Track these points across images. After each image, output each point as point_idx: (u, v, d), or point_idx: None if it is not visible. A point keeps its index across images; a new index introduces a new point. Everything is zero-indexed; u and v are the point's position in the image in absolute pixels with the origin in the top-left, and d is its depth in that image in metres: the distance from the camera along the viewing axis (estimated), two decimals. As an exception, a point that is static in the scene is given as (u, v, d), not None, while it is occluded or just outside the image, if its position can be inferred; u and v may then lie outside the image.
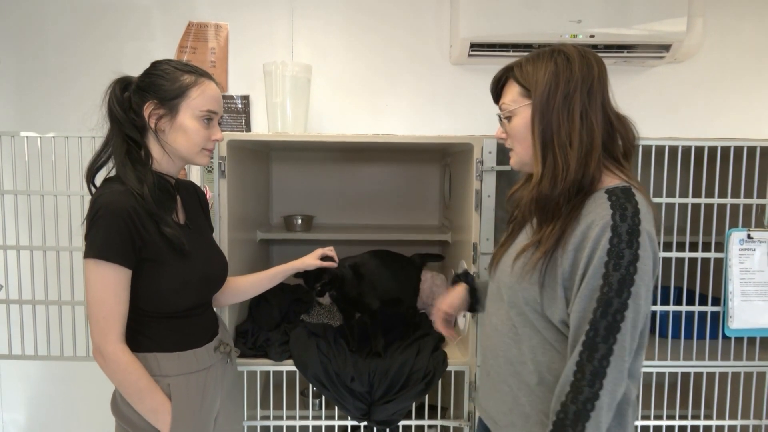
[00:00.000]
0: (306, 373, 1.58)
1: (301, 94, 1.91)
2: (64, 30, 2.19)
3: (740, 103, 2.29)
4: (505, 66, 1.12)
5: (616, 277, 0.93)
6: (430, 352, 1.66)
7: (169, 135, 1.20)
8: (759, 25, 2.26)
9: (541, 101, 1.03)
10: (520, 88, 1.07)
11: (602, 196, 0.99)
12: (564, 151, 1.01)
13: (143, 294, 1.15)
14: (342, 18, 2.23)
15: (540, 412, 1.05)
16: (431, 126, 2.27)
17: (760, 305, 1.58)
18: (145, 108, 1.18)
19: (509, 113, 1.10)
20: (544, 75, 1.03)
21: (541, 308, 1.04)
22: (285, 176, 2.31)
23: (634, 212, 0.95)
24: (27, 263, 1.70)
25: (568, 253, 0.99)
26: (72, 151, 1.65)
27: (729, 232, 1.58)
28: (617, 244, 0.93)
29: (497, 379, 1.14)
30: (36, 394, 2.36)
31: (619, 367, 0.94)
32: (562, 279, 1.00)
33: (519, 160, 1.12)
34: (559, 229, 1.01)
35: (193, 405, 1.21)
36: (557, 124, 1.01)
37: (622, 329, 0.93)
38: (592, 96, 1.02)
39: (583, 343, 0.95)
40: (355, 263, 1.71)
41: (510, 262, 1.11)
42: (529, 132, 1.06)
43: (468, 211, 1.67)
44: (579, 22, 1.99)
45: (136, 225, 1.11)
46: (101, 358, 1.12)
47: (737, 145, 1.58)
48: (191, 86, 1.19)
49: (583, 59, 1.03)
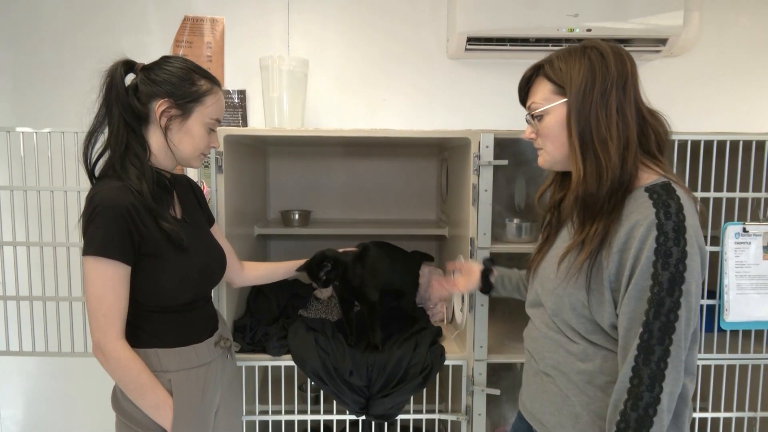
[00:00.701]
0: (305, 369, 1.58)
1: (297, 89, 1.91)
2: (59, 25, 2.17)
3: (736, 97, 2.29)
4: (534, 64, 1.10)
5: (666, 276, 0.92)
6: (427, 346, 1.66)
7: (175, 135, 1.20)
8: (755, 20, 2.26)
9: (577, 98, 1.01)
10: (552, 85, 1.05)
11: (643, 195, 0.97)
12: (605, 147, 0.99)
13: (143, 289, 1.15)
14: (339, 12, 2.22)
15: (591, 412, 1.04)
16: (428, 120, 2.27)
17: (755, 298, 1.59)
18: (158, 103, 1.17)
19: (541, 112, 1.07)
20: (579, 72, 1.01)
21: (589, 312, 1.03)
22: (282, 171, 2.31)
23: (677, 209, 0.94)
24: (23, 259, 1.70)
25: (613, 255, 0.98)
26: (68, 146, 1.65)
27: (725, 226, 1.58)
28: (664, 242, 0.92)
29: (545, 379, 1.13)
30: (33, 391, 2.35)
31: (677, 368, 0.93)
32: (609, 281, 0.99)
33: (550, 159, 1.10)
34: (603, 230, 0.99)
35: (194, 400, 1.21)
36: (595, 121, 1.00)
37: (677, 329, 0.92)
38: (627, 92, 1.01)
39: (638, 346, 0.93)
40: (359, 250, 1.72)
41: (551, 268, 1.10)
42: (563, 130, 1.04)
43: (465, 206, 1.67)
44: (576, 16, 1.99)
45: (134, 221, 1.11)
46: (101, 355, 1.12)
47: (733, 139, 1.59)
48: (207, 93, 1.21)
49: (617, 55, 1.02)
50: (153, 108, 1.18)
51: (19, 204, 1.70)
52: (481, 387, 1.66)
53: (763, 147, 1.60)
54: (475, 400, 1.67)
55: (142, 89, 1.18)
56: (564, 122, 1.04)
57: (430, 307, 2.02)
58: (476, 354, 1.65)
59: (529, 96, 1.12)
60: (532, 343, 1.19)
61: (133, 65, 1.21)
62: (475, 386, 1.66)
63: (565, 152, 1.06)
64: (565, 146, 1.05)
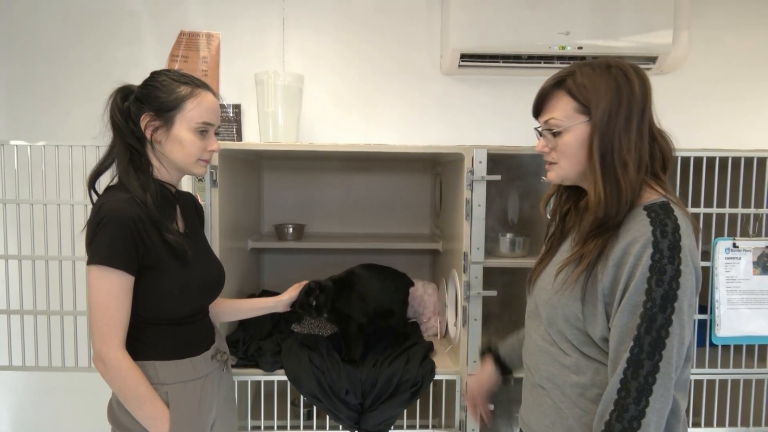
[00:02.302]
0: (300, 388, 1.58)
1: (292, 104, 1.92)
2: (55, 37, 2.18)
3: (725, 113, 2.33)
4: (555, 76, 1.07)
5: (659, 293, 0.92)
6: (419, 361, 1.66)
7: (165, 146, 1.21)
8: (743, 38, 2.30)
9: (602, 120, 1.00)
10: (575, 103, 1.03)
11: (641, 213, 0.98)
12: (625, 170, 0.99)
13: (143, 300, 1.16)
14: (333, 28, 2.25)
15: (584, 425, 1.04)
16: (422, 135, 2.29)
17: (746, 313, 1.61)
18: (141, 119, 1.19)
19: (560, 128, 1.05)
20: (605, 92, 1.00)
21: (582, 325, 1.03)
22: (276, 185, 2.31)
23: (674, 228, 0.95)
24: (15, 273, 1.69)
25: (609, 269, 0.98)
26: (62, 159, 1.65)
27: (715, 241, 1.60)
28: (659, 260, 0.93)
29: (540, 392, 1.13)
30: (22, 405, 2.32)
31: (666, 384, 0.93)
32: (602, 294, 0.99)
33: (563, 175, 1.09)
34: (601, 244, 1.00)
35: (190, 413, 1.22)
36: (618, 145, 1.00)
37: (667, 345, 0.92)
38: (645, 114, 1.02)
39: (628, 360, 0.94)
40: (346, 276, 1.72)
41: (549, 279, 1.10)
42: (581, 149, 1.03)
43: (459, 220, 1.68)
44: (567, 34, 2.02)
45: (140, 232, 1.12)
46: (102, 364, 1.12)
47: (722, 156, 1.61)
48: (187, 98, 1.20)
49: (639, 77, 1.02)
50: (142, 125, 1.20)
51: (12, 217, 1.69)
52: (475, 402, 1.65)
53: (752, 163, 1.62)
54: (469, 415, 1.67)
55: (133, 110, 1.21)
56: (584, 141, 1.03)
57: (424, 321, 2.02)
58: (470, 368, 1.65)
59: (546, 109, 1.09)
60: (528, 356, 1.19)
61: (130, 90, 1.23)
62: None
63: (579, 170, 1.06)
64: (581, 164, 1.05)
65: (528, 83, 2.27)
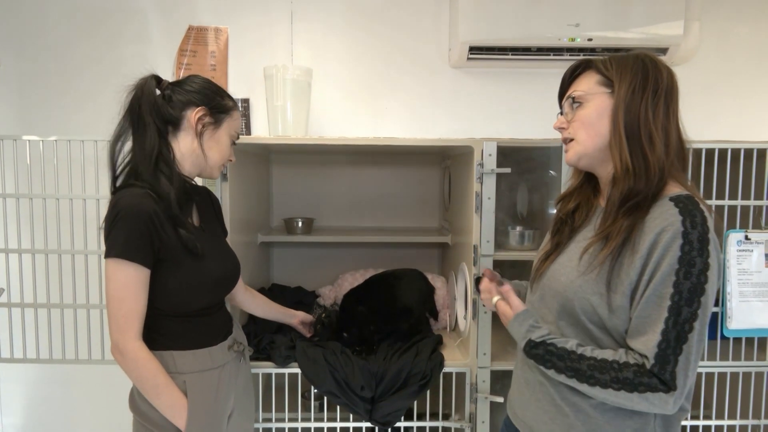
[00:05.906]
0: (320, 388, 1.59)
1: (301, 97, 1.92)
2: (64, 33, 2.19)
3: (737, 105, 2.31)
4: (585, 58, 1.11)
5: (687, 286, 0.92)
6: (428, 354, 1.66)
7: (206, 143, 1.27)
8: (755, 29, 2.28)
9: (627, 92, 1.01)
10: (599, 76, 1.05)
11: (668, 203, 0.97)
12: (651, 142, 0.99)
13: (159, 293, 1.18)
14: (342, 21, 2.24)
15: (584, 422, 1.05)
16: (431, 128, 2.29)
17: (758, 306, 1.60)
18: (194, 111, 1.24)
19: (581, 99, 1.07)
20: (631, 70, 1.02)
21: (598, 318, 1.02)
22: (285, 179, 2.32)
23: (702, 220, 0.93)
24: (29, 266, 1.71)
25: (636, 261, 0.97)
26: (74, 154, 1.66)
27: (726, 234, 1.59)
28: (689, 251, 0.92)
29: (538, 388, 1.12)
30: (34, 398, 2.35)
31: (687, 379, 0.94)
32: (629, 285, 0.98)
33: (581, 151, 1.08)
34: (628, 228, 0.98)
35: (208, 401, 1.24)
36: (644, 118, 1.00)
37: (689, 340, 0.92)
38: (673, 98, 1.03)
39: (656, 356, 0.93)
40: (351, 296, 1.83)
41: (568, 265, 1.08)
42: (600, 120, 1.04)
43: (468, 214, 1.68)
44: (577, 26, 2.01)
45: (155, 227, 1.14)
46: (120, 355, 1.15)
47: (734, 147, 1.60)
48: (233, 109, 1.33)
49: (667, 69, 1.03)
50: (188, 115, 1.24)
51: (24, 212, 1.71)
52: (485, 394, 1.66)
53: (764, 155, 1.61)
54: (479, 407, 1.67)
55: (176, 98, 1.24)
56: (604, 112, 1.03)
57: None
58: (480, 361, 1.66)
59: (571, 87, 1.11)
60: None
61: (160, 80, 1.27)
62: (478, 393, 1.66)
63: (597, 144, 1.05)
64: (600, 137, 1.04)
65: (537, 75, 2.27)
